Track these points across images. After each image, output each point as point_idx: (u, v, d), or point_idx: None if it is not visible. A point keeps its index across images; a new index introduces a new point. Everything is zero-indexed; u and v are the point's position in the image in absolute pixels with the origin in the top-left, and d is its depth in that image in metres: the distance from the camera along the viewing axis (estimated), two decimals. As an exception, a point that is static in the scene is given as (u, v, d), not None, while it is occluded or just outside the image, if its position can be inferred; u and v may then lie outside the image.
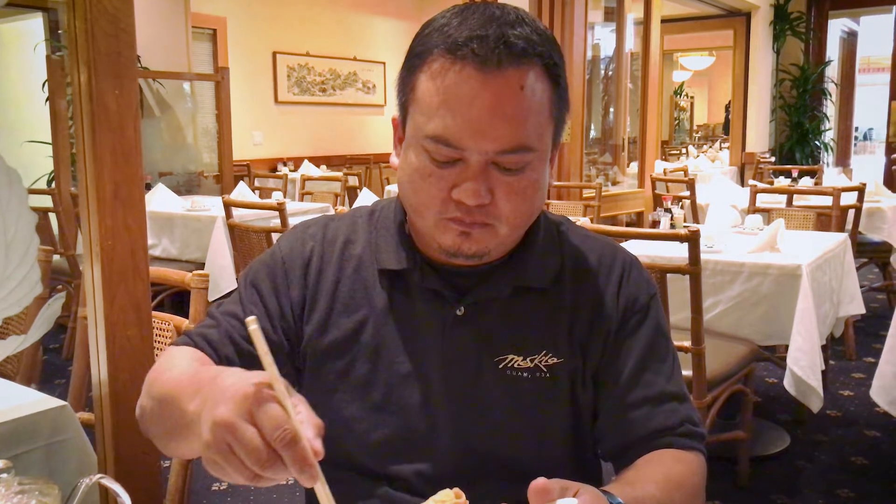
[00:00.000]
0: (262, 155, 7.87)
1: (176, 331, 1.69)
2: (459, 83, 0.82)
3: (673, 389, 0.97)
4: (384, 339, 0.97)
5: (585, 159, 5.46)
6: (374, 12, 9.11)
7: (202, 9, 6.96)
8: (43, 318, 1.21)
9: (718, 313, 2.73)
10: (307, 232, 1.04)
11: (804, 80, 8.57)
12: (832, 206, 3.88)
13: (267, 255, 1.04)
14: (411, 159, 0.88)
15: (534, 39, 0.84)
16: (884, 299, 5.18)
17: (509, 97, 0.82)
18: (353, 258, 1.01)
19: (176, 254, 4.45)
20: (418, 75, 0.86)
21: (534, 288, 0.96)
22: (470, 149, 0.83)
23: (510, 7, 0.88)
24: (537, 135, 0.86)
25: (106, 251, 1.34)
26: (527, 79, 0.83)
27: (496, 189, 0.85)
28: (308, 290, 0.99)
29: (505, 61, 0.82)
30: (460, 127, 0.83)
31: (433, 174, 0.86)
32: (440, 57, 0.84)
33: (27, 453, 1.28)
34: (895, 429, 3.09)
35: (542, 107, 0.85)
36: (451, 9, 0.89)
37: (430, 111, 0.84)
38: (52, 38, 5.74)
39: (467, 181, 0.84)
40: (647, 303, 0.99)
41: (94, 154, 1.31)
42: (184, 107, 6.36)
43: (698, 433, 0.97)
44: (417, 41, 0.89)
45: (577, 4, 4.86)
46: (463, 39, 0.83)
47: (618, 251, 1.02)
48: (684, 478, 0.91)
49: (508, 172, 0.85)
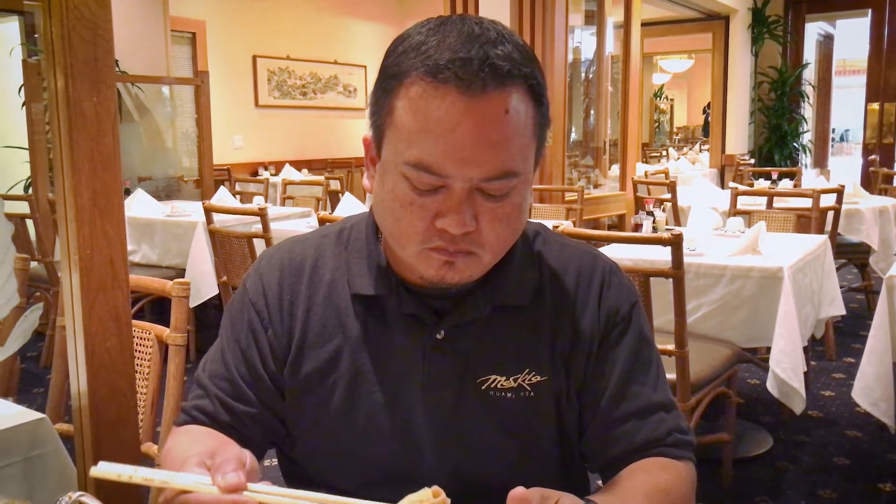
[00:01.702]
0: (243, 159, 7.83)
1: (157, 339, 1.67)
2: (442, 108, 0.78)
3: (659, 399, 0.96)
4: (361, 368, 0.94)
5: (567, 162, 5.47)
6: (355, 16, 9.09)
7: (181, 12, 6.91)
8: (20, 330, 1.19)
9: (701, 316, 2.74)
10: (272, 262, 0.99)
11: (782, 82, 8.66)
12: (812, 208, 3.91)
13: (237, 300, 1.00)
14: (390, 187, 0.84)
15: (516, 59, 0.80)
16: (862, 300, 5.23)
17: (494, 122, 0.79)
18: (322, 283, 0.96)
19: (156, 260, 4.41)
20: (395, 99, 0.81)
21: (513, 305, 0.93)
22: (454, 176, 0.80)
23: (488, 22, 0.84)
24: (522, 158, 0.83)
25: (84, 260, 1.32)
26: (511, 101, 0.80)
27: (480, 216, 0.82)
28: (284, 327, 0.96)
29: (489, 84, 0.78)
30: (443, 154, 0.79)
31: (414, 203, 0.82)
32: (420, 80, 0.79)
33: (5, 468, 1.25)
34: (876, 429, 3.12)
35: (526, 129, 0.82)
36: (426, 23, 0.84)
37: (410, 137, 0.80)
38: (29, 42, 5.68)
39: (452, 210, 0.81)
40: (628, 312, 0.97)
41: (72, 162, 1.29)
42: (163, 111, 6.30)
43: (686, 441, 0.96)
44: (392, 60, 0.83)
45: (558, 8, 4.87)
46: (444, 62, 0.78)
47: (597, 260, 0.99)
48: (672, 486, 0.90)
49: (493, 198, 0.82)
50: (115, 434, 1.40)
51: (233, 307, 1.00)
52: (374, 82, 0.86)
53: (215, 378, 0.96)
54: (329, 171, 7.78)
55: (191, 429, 0.95)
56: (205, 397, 0.96)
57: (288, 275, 0.97)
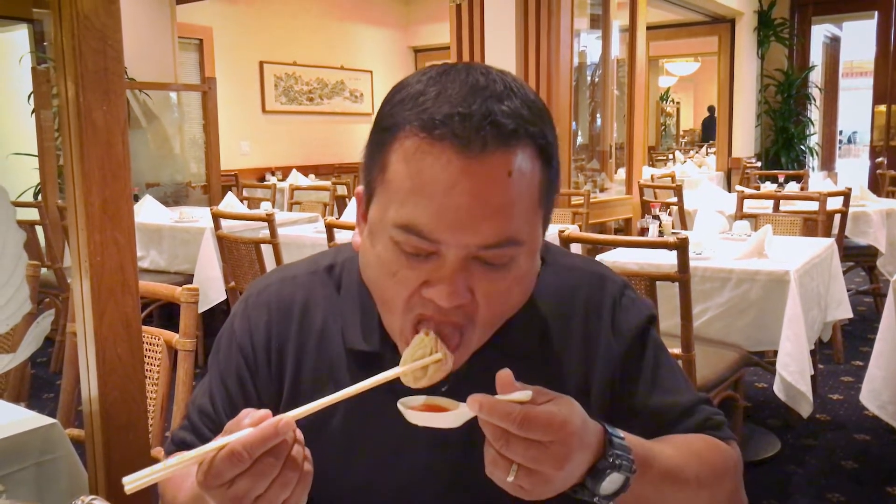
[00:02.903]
0: (250, 165, 7.86)
1: (166, 345, 1.69)
2: (437, 167, 0.71)
3: (687, 400, 0.92)
4: (357, 425, 0.87)
5: (573, 166, 5.49)
6: (361, 21, 9.13)
7: (188, 19, 6.95)
8: (32, 337, 1.20)
9: (707, 320, 2.74)
10: (259, 302, 0.93)
11: (788, 85, 8.64)
12: (819, 212, 3.91)
13: (226, 337, 0.94)
14: (377, 250, 0.77)
15: (524, 115, 0.73)
16: (870, 303, 5.21)
17: (495, 185, 0.71)
18: (313, 330, 0.90)
19: (164, 266, 4.43)
20: (387, 154, 0.74)
21: (521, 353, 0.86)
22: (447, 242, 0.72)
23: (496, 73, 0.76)
24: (526, 225, 0.75)
25: (95, 267, 1.33)
26: (515, 162, 0.72)
27: (476, 287, 0.74)
28: (272, 372, 0.90)
29: (491, 143, 0.70)
30: (435, 216, 0.71)
31: (402, 270, 0.75)
32: (414, 135, 0.72)
33: (17, 473, 1.27)
34: (885, 432, 3.11)
35: (531, 192, 0.74)
36: (428, 71, 0.77)
37: (401, 196, 0.73)
38: (38, 50, 5.72)
39: (443, 280, 0.73)
40: (645, 328, 0.92)
41: (82, 169, 1.31)
42: (171, 117, 6.34)
43: (722, 420, 0.93)
44: (388, 109, 0.76)
45: (563, 12, 4.88)
46: (442, 116, 0.71)
47: (605, 284, 0.93)
48: (706, 452, 0.86)
49: (491, 267, 0.74)
50: (125, 439, 1.41)
51: (221, 343, 0.94)
52: (369, 133, 0.80)
53: (203, 416, 0.92)
54: (336, 177, 7.81)
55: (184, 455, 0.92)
56: (190, 432, 0.93)
57: (276, 319, 0.91)
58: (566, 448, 0.67)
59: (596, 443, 0.71)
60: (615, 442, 0.72)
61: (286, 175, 7.60)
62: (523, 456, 0.66)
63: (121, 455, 1.39)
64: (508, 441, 0.66)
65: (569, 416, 0.68)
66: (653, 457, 0.77)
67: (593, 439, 0.71)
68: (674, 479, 0.80)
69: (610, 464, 0.71)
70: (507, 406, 0.66)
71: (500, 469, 0.68)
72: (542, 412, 0.67)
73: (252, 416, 0.68)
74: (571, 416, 0.68)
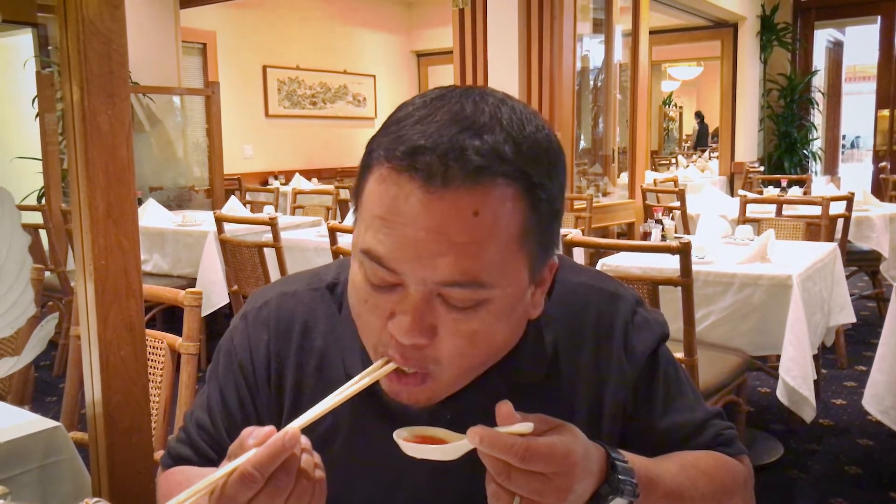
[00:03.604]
0: (253, 169, 7.88)
1: (169, 349, 1.69)
2: (400, 198, 0.67)
3: (699, 417, 0.91)
4: (359, 450, 0.85)
5: (576, 170, 5.49)
6: (364, 25, 9.15)
7: (192, 23, 6.97)
8: (36, 340, 1.20)
9: (710, 324, 2.74)
10: (259, 318, 0.90)
11: (791, 89, 8.64)
12: (821, 216, 3.91)
13: (225, 351, 0.92)
14: (354, 271, 0.75)
15: (502, 152, 0.67)
16: (874, 307, 5.20)
17: (457, 223, 0.66)
18: (314, 353, 0.87)
19: (167, 269, 4.44)
20: (367, 177, 0.72)
21: (528, 382, 0.83)
22: (407, 274, 0.69)
23: (493, 100, 0.71)
24: (498, 269, 0.69)
25: (99, 270, 1.34)
26: (486, 203, 0.66)
27: (440, 327, 0.70)
28: (272, 392, 0.89)
29: (455, 180, 0.66)
30: (395, 246, 0.68)
31: (370, 299, 0.73)
32: (383, 163, 0.69)
33: (20, 475, 1.27)
34: (888, 437, 3.10)
35: (508, 235, 0.68)
36: (431, 92, 0.74)
37: (368, 222, 0.71)
38: (42, 54, 5.74)
39: (404, 312, 0.70)
40: (654, 355, 0.90)
41: (86, 173, 1.31)
42: (174, 121, 6.36)
43: (733, 436, 0.93)
44: (379, 131, 0.74)
45: (566, 16, 4.89)
46: (405, 148, 0.67)
47: (616, 303, 0.89)
48: (713, 470, 0.85)
49: (456, 309, 0.70)
50: (128, 442, 1.41)
51: (220, 357, 0.92)
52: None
53: (201, 430, 0.91)
54: (339, 181, 7.82)
55: (183, 469, 0.92)
56: (186, 445, 0.92)
57: (275, 338, 0.89)
58: (569, 479, 0.67)
59: (598, 469, 0.71)
60: (618, 466, 0.72)
61: (289, 179, 7.62)
62: (526, 489, 0.66)
63: (124, 458, 1.40)
64: (510, 474, 0.65)
65: (571, 446, 0.68)
66: (657, 477, 0.77)
67: (595, 466, 0.70)
68: (678, 498, 0.79)
69: (612, 489, 0.71)
70: (509, 439, 0.65)
71: (502, 502, 0.67)
72: (544, 444, 0.66)
73: (256, 435, 0.67)
74: (574, 445, 0.68)
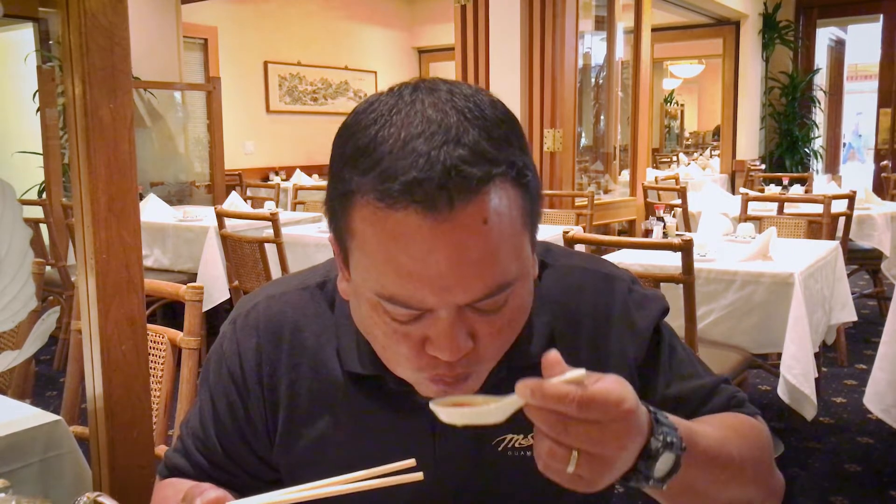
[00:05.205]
0: (254, 164, 7.87)
1: (170, 343, 1.69)
2: (406, 236, 0.64)
3: (708, 382, 0.90)
4: (359, 448, 0.84)
5: (577, 167, 5.48)
6: (366, 21, 9.14)
7: (193, 18, 6.97)
8: (37, 334, 1.20)
9: (712, 322, 2.74)
10: (247, 322, 0.88)
11: (793, 87, 8.63)
12: (823, 214, 3.90)
13: (215, 359, 0.90)
14: (367, 313, 0.72)
15: (487, 151, 0.66)
16: (874, 306, 5.20)
17: (472, 239, 0.65)
18: (306, 352, 0.85)
19: (168, 264, 4.44)
20: (352, 219, 0.68)
21: (527, 364, 0.81)
22: (435, 305, 0.67)
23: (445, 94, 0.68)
24: (514, 261, 0.69)
25: (101, 264, 1.34)
26: (490, 207, 0.65)
27: (477, 331, 0.70)
28: (265, 398, 0.87)
29: (459, 198, 0.64)
30: (418, 287, 0.66)
31: (398, 332, 0.70)
32: (370, 204, 0.65)
33: (21, 469, 1.27)
34: (888, 435, 3.10)
35: (513, 226, 0.68)
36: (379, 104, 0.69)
37: (376, 265, 0.67)
38: (43, 49, 5.73)
39: (441, 337, 0.68)
40: (654, 332, 0.89)
41: (88, 167, 1.31)
42: (175, 116, 6.35)
43: (744, 398, 0.92)
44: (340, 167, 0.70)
45: (568, 14, 4.89)
46: (400, 186, 0.63)
47: (611, 284, 0.88)
48: (740, 427, 0.85)
49: (486, 313, 0.70)
50: (129, 436, 1.41)
51: (211, 365, 0.91)
52: (329, 176, 0.73)
53: (196, 439, 0.91)
54: (339, 177, 7.79)
55: (174, 482, 0.92)
56: (182, 455, 0.92)
57: (265, 340, 0.86)
58: (626, 425, 0.63)
59: (645, 423, 0.67)
60: (661, 420, 0.68)
61: (290, 175, 7.61)
62: (585, 439, 0.61)
63: (125, 452, 1.40)
64: (567, 426, 0.61)
65: (624, 392, 0.64)
66: (694, 432, 0.73)
67: (644, 419, 0.67)
68: (717, 454, 0.76)
69: (662, 442, 0.67)
70: (563, 387, 0.61)
71: (559, 460, 0.62)
72: (600, 390, 0.62)
73: (205, 497, 0.69)
74: (627, 391, 0.64)
